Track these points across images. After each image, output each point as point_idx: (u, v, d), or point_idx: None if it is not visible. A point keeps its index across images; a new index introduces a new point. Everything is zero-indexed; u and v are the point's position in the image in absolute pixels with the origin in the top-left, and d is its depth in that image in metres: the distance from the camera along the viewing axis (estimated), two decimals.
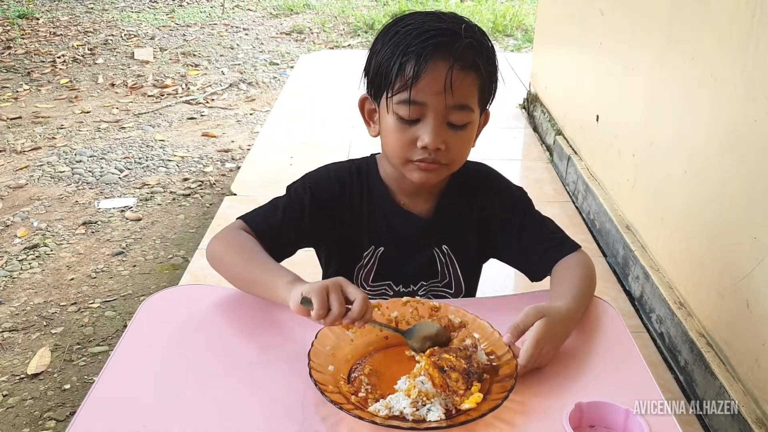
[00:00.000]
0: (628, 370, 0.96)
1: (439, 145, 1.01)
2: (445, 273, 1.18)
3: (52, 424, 1.76)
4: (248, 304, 1.12)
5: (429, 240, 1.17)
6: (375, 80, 1.05)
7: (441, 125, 1.01)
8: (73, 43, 5.56)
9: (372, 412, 0.83)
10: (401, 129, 1.03)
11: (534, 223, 1.17)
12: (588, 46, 2.88)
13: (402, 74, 0.99)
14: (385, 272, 1.18)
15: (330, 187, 1.15)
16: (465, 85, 1.00)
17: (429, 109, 1.00)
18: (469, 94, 1.02)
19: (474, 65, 1.00)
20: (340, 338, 0.96)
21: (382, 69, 1.02)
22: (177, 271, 2.44)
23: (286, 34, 6.11)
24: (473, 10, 6.61)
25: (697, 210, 1.83)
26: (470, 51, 1.00)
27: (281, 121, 3.85)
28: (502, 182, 1.21)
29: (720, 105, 1.69)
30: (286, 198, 1.14)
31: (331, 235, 1.16)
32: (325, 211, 1.14)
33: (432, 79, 0.98)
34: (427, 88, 0.98)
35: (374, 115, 1.10)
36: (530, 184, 3.07)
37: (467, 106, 1.02)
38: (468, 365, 0.86)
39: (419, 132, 1.01)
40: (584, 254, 1.12)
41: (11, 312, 2.21)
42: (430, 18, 1.02)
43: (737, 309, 1.59)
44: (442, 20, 1.02)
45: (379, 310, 0.99)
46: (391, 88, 1.01)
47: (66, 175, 3.22)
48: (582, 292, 1.02)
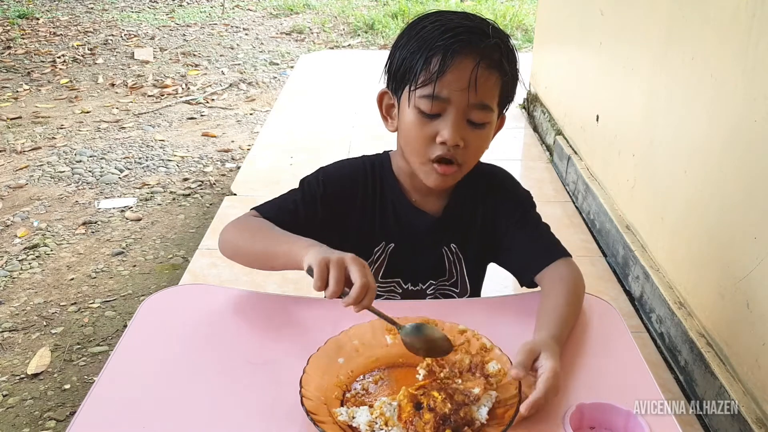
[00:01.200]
0: (628, 370, 0.96)
1: (459, 141, 1.02)
2: (453, 272, 1.19)
3: (52, 424, 1.76)
4: (248, 304, 1.12)
5: (439, 238, 1.17)
6: (398, 74, 1.05)
7: (461, 121, 1.01)
8: (73, 43, 5.56)
9: (337, 419, 0.81)
10: (421, 123, 1.03)
11: (528, 226, 1.17)
12: (588, 46, 2.88)
13: (427, 68, 0.99)
14: (394, 269, 1.18)
15: (343, 181, 1.16)
16: (489, 85, 1.01)
17: (451, 104, 1.00)
18: (491, 94, 1.02)
19: (499, 65, 1.01)
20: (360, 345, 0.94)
21: (407, 63, 1.02)
22: (177, 271, 2.44)
23: (286, 34, 6.11)
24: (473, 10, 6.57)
25: (697, 210, 1.83)
26: (496, 51, 1.01)
27: (281, 121, 3.85)
28: (510, 184, 1.22)
29: (720, 105, 1.69)
30: (300, 190, 1.15)
31: (342, 230, 1.16)
32: (338, 205, 1.14)
33: (457, 75, 0.98)
34: (451, 84, 0.99)
35: (392, 111, 1.10)
36: (530, 184, 3.04)
37: (488, 105, 1.03)
38: (451, 413, 0.80)
39: (439, 127, 1.02)
40: (572, 264, 1.11)
41: (11, 312, 2.21)
42: (458, 16, 1.04)
43: (737, 309, 1.59)
44: (469, 19, 1.03)
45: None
46: (415, 81, 1.01)
47: (66, 175, 3.22)
48: (566, 318, 1.00)
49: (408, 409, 0.80)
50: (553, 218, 2.91)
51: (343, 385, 0.90)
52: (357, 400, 0.88)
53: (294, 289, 2.12)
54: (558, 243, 1.15)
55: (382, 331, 0.96)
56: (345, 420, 0.81)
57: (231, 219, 1.14)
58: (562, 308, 1.01)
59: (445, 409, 0.80)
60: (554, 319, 0.98)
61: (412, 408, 0.80)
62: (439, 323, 0.95)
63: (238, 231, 1.10)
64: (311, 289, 0.92)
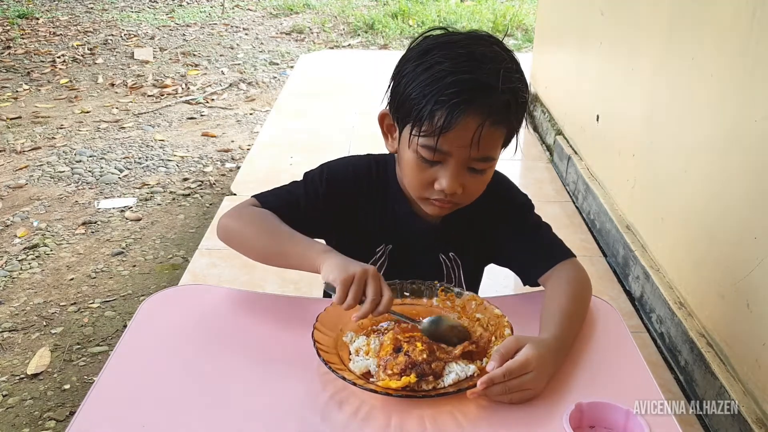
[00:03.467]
0: (628, 370, 0.96)
1: (457, 189, 1.01)
2: (451, 277, 1.19)
3: (52, 424, 1.76)
4: (248, 304, 1.12)
5: (436, 245, 1.17)
6: (401, 110, 1.02)
7: (461, 172, 1.00)
8: (73, 43, 5.56)
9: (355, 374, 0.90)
10: (421, 168, 1.01)
11: (530, 227, 1.16)
12: (588, 46, 2.88)
13: (431, 120, 0.95)
14: (393, 271, 1.17)
15: (346, 178, 1.15)
16: (493, 139, 0.99)
17: (452, 157, 0.98)
18: (494, 146, 1.01)
19: (506, 120, 0.98)
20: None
21: (410, 104, 0.98)
22: (177, 271, 2.44)
23: (286, 34, 6.11)
24: (473, 10, 6.61)
25: (697, 210, 1.83)
26: (503, 109, 0.96)
27: (281, 121, 3.85)
28: (509, 190, 1.21)
29: (720, 105, 1.69)
30: (302, 183, 1.15)
31: (342, 227, 1.16)
32: (339, 201, 1.14)
33: (461, 133, 0.95)
34: (454, 141, 0.96)
35: (393, 132, 1.08)
36: (530, 184, 3.07)
37: (490, 157, 1.01)
38: (422, 362, 0.88)
39: (438, 174, 1.00)
40: (577, 265, 1.11)
41: (11, 312, 2.21)
42: (467, 60, 0.95)
43: (737, 309, 1.59)
44: (480, 65, 0.95)
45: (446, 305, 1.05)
46: (418, 128, 0.97)
47: (66, 175, 3.22)
48: (570, 317, 1.00)
49: (387, 349, 0.91)
50: (553, 218, 2.89)
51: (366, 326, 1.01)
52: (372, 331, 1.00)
53: (294, 289, 2.12)
54: (561, 244, 1.15)
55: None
56: (347, 341, 0.96)
57: None
58: (565, 310, 1.00)
59: (419, 358, 0.89)
60: (558, 321, 0.98)
61: (391, 349, 0.91)
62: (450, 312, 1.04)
63: (243, 222, 1.08)
64: (311, 289, 0.93)
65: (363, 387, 0.86)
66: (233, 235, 1.09)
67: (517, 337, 0.92)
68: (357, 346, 0.95)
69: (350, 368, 0.91)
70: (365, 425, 0.84)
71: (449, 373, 0.89)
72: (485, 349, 0.95)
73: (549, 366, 0.90)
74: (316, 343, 0.91)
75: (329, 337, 0.95)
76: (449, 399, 0.87)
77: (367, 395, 0.87)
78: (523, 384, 0.86)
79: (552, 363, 0.91)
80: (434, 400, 0.86)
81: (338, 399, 0.87)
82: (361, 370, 0.91)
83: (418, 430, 0.83)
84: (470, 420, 0.85)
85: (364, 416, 0.85)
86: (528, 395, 0.87)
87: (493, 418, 0.85)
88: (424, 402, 0.86)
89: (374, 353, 0.92)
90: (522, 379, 0.86)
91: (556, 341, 0.93)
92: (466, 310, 1.03)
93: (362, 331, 0.99)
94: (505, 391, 0.85)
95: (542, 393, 0.88)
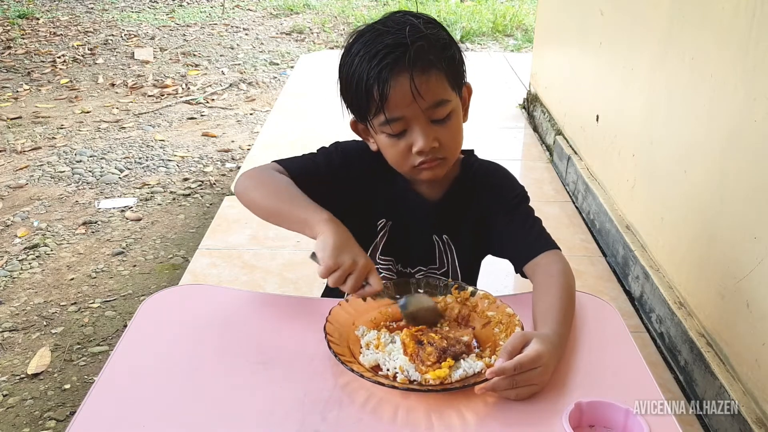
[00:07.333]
0: (628, 370, 0.96)
1: (432, 143, 1.06)
2: (444, 261, 1.21)
3: (52, 424, 1.76)
4: (248, 304, 1.12)
5: (430, 225, 1.20)
6: (353, 109, 1.11)
7: (427, 127, 1.05)
8: (73, 43, 5.56)
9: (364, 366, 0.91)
10: (393, 143, 1.08)
11: (520, 215, 1.18)
12: (588, 46, 2.89)
13: (372, 100, 1.03)
14: (390, 248, 1.21)
15: (358, 154, 1.20)
16: (432, 85, 1.03)
17: (409, 119, 1.04)
18: (439, 90, 1.04)
19: (431, 63, 1.03)
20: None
21: (356, 100, 1.07)
22: (177, 271, 2.44)
23: (286, 34, 6.11)
24: (473, 10, 6.61)
25: (697, 210, 1.83)
26: (422, 53, 1.02)
27: (281, 121, 3.85)
28: (505, 179, 1.23)
29: (720, 105, 1.69)
30: (321, 154, 1.20)
31: (349, 200, 1.19)
32: (351, 173, 1.18)
33: (399, 94, 1.01)
34: (398, 104, 1.02)
35: (368, 134, 1.15)
36: (530, 184, 3.06)
37: (442, 100, 1.05)
38: (449, 346, 0.91)
39: (410, 139, 1.06)
40: (562, 257, 1.12)
41: (11, 312, 2.22)
42: (375, 35, 1.04)
43: (737, 309, 1.59)
44: (387, 33, 1.03)
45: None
46: (368, 114, 1.06)
47: (66, 175, 3.22)
48: (565, 312, 1.01)
49: (412, 345, 0.92)
50: (553, 218, 2.92)
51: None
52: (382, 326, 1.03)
53: (294, 289, 2.11)
54: (548, 236, 1.16)
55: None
56: (359, 335, 0.98)
57: (231, 219, 1.15)
58: (560, 305, 1.01)
59: (443, 344, 0.92)
60: (554, 316, 0.99)
61: (414, 344, 0.92)
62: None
63: (259, 183, 1.12)
64: (311, 289, 0.93)
65: (371, 380, 0.87)
66: (245, 195, 1.13)
67: (523, 333, 0.92)
68: (368, 340, 0.97)
69: (360, 361, 0.93)
70: (373, 419, 0.84)
71: (457, 369, 0.90)
72: (494, 347, 0.95)
73: (553, 361, 0.91)
74: (327, 336, 0.93)
75: (340, 332, 0.97)
76: (456, 394, 0.87)
77: (375, 389, 0.87)
78: (530, 378, 0.87)
79: (555, 358, 0.92)
80: (441, 396, 0.87)
81: (346, 393, 0.88)
82: (370, 363, 0.92)
83: (424, 424, 0.83)
84: (477, 416, 0.85)
85: (371, 410, 0.86)
86: (534, 390, 0.87)
87: (497, 414, 0.85)
88: (430, 397, 0.87)
89: (402, 355, 0.93)
90: (530, 373, 0.86)
91: (557, 337, 0.94)
92: (478, 308, 1.04)
93: (374, 325, 1.01)
94: (513, 385, 0.86)
95: (542, 391, 0.88)
